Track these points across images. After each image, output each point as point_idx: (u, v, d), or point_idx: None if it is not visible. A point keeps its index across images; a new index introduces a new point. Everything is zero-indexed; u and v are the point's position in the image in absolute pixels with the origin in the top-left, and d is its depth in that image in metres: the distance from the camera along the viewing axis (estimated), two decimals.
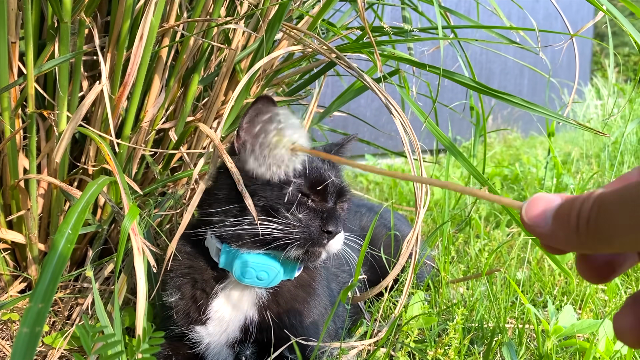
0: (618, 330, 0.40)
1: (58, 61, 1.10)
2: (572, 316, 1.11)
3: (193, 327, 1.04)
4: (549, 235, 0.42)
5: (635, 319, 0.39)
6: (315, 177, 1.02)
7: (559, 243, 0.42)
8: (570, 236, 0.40)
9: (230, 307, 1.03)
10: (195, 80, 1.32)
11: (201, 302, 1.04)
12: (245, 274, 0.99)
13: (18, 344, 0.51)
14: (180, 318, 1.04)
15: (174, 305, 1.05)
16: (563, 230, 0.40)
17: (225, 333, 1.03)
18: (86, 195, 0.82)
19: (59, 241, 0.67)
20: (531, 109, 1.29)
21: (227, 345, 1.03)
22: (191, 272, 1.06)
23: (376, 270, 1.38)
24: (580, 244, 0.40)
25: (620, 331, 0.40)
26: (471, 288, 1.43)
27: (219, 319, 1.03)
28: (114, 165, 1.01)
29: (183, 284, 1.06)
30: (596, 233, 0.38)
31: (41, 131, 1.26)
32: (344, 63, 1.24)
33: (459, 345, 1.05)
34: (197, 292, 1.05)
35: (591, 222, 0.38)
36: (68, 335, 1.08)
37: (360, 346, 1.10)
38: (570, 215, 0.40)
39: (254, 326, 1.02)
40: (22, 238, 1.27)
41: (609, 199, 0.37)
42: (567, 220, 0.40)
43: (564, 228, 0.40)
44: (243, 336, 1.02)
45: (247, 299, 1.04)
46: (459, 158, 1.22)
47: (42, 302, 0.56)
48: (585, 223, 0.38)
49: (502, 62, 6.61)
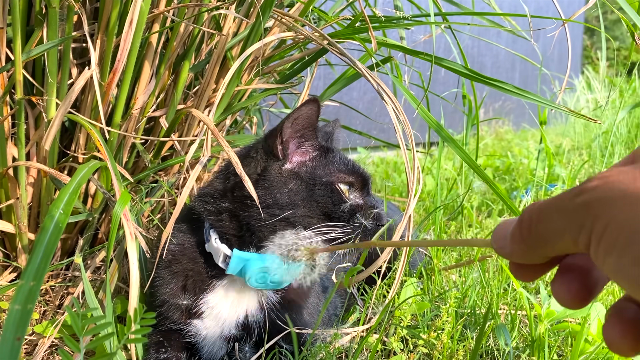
0: (609, 342, 0.42)
1: (47, 46, 1.09)
2: None
3: (190, 322, 1.02)
4: (509, 252, 0.46)
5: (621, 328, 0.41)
6: (361, 175, 1.03)
7: (517, 256, 0.46)
8: (521, 246, 0.44)
9: (229, 303, 1.01)
10: (186, 68, 1.31)
11: (196, 294, 1.02)
12: (259, 279, 0.97)
13: (9, 321, 0.50)
14: (176, 314, 1.03)
15: (170, 301, 1.03)
16: (516, 244, 0.45)
17: (221, 328, 1.01)
18: (77, 177, 0.81)
19: (50, 221, 0.66)
20: (523, 96, 1.30)
21: (222, 338, 1.02)
22: (188, 268, 1.04)
23: (368, 257, 1.38)
24: (530, 252, 0.44)
25: (612, 342, 0.41)
26: (463, 275, 1.43)
27: (216, 315, 1.01)
28: (104, 150, 1.00)
29: (180, 279, 1.04)
30: (537, 239, 0.42)
31: (30, 119, 1.24)
32: (335, 49, 1.23)
33: (451, 329, 1.06)
34: (193, 284, 1.03)
35: (532, 230, 0.42)
36: (59, 323, 1.07)
37: (354, 332, 1.10)
38: (517, 229, 0.44)
39: (258, 325, 1.01)
40: (12, 227, 1.25)
41: (545, 207, 0.42)
42: (516, 234, 0.44)
43: (516, 241, 0.44)
44: (241, 333, 1.01)
45: (248, 296, 1.02)
46: (451, 144, 1.21)
47: (33, 280, 0.56)
48: (528, 232, 0.43)
49: (494, 55, 6.61)
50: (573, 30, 9.24)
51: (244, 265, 0.97)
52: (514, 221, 0.46)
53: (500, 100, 6.17)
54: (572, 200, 0.38)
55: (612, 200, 0.36)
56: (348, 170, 1.02)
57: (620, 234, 0.34)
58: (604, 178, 0.37)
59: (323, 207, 0.96)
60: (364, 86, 4.28)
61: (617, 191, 0.36)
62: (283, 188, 0.97)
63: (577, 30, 9.61)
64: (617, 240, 0.34)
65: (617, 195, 0.35)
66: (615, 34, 11.45)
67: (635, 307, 0.42)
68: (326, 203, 0.97)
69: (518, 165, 3.06)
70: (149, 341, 1.05)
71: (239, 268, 0.97)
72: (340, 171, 1.01)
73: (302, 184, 0.98)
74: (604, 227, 0.35)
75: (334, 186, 0.98)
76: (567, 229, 0.38)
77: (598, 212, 0.36)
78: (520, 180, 2.70)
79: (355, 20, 1.33)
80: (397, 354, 1.07)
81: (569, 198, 0.39)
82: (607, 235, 0.35)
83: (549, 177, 2.31)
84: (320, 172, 1.00)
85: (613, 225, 0.35)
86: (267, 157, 1.00)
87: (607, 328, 0.42)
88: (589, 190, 0.37)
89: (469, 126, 1.81)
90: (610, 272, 0.36)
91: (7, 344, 0.48)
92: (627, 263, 0.34)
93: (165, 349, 1.02)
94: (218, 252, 0.99)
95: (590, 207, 0.37)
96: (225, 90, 1.29)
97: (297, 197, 0.96)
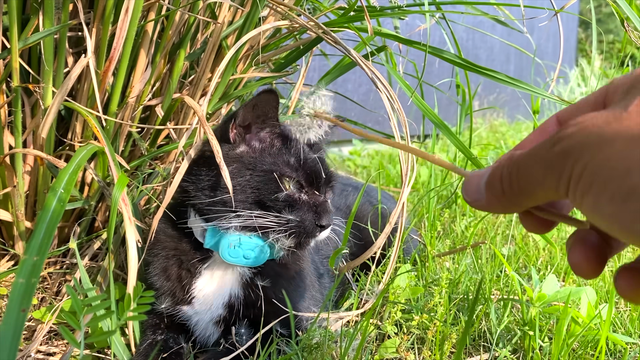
0: (575, 266, 0.46)
1: (43, 34, 1.09)
2: (556, 284, 1.14)
3: (180, 308, 1.04)
4: (487, 205, 0.48)
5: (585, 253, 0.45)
6: (311, 170, 1.02)
7: (496, 209, 0.48)
8: (502, 200, 0.46)
9: (215, 285, 1.03)
10: (182, 56, 1.32)
11: (185, 282, 1.03)
12: (232, 253, 0.99)
13: (14, 294, 0.52)
14: (166, 300, 1.05)
15: (159, 287, 1.05)
16: (495, 197, 0.46)
17: (210, 311, 1.03)
18: (77, 158, 0.82)
19: (52, 199, 0.67)
20: (516, 85, 1.31)
21: (213, 322, 1.04)
22: (175, 253, 1.05)
23: (362, 245, 1.40)
24: (511, 205, 0.46)
25: (577, 265, 0.46)
26: (456, 262, 1.45)
27: (204, 297, 1.03)
28: (101, 136, 1.00)
29: (168, 265, 1.05)
30: (519, 191, 0.44)
31: (26, 107, 1.25)
32: (330, 38, 1.24)
33: (444, 312, 1.07)
34: (182, 272, 1.04)
35: (513, 183, 0.44)
36: (57, 309, 1.08)
37: (347, 317, 1.11)
38: (496, 182, 0.46)
39: (239, 302, 1.02)
40: (9, 216, 1.26)
41: (523, 160, 0.43)
42: (495, 187, 0.46)
43: (496, 195, 0.46)
44: (228, 314, 1.03)
45: (230, 277, 1.04)
46: (445, 132, 1.23)
47: (37, 255, 0.57)
48: (509, 185, 0.44)
49: (488, 48, 6.63)
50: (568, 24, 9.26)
51: (219, 238, 1.00)
52: (485, 173, 0.48)
53: (494, 92, 6.19)
54: (551, 150, 0.40)
55: (588, 144, 0.37)
56: (295, 164, 1.01)
57: (597, 174, 0.36)
58: (579, 124, 0.39)
59: (258, 195, 0.97)
60: (359, 78, 4.28)
61: (592, 135, 0.37)
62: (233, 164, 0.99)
63: (572, 24, 9.64)
64: (594, 181, 0.36)
65: (593, 139, 0.37)
66: (609, 27, 11.47)
67: (596, 235, 0.46)
68: (261, 190, 0.97)
69: None
70: (145, 323, 1.06)
71: (214, 241, 1.00)
72: (286, 163, 1.01)
73: (243, 168, 0.99)
74: (582, 169, 0.37)
75: (272, 175, 0.98)
76: (548, 178, 0.40)
77: (576, 156, 0.38)
78: None
79: (349, 9, 1.34)
80: (391, 338, 1.09)
81: (547, 148, 0.41)
82: (585, 177, 0.37)
83: None
84: (267, 159, 1.00)
85: (590, 167, 0.37)
86: (221, 140, 1.01)
87: (573, 253, 0.46)
88: (566, 137, 0.39)
89: (463, 116, 1.82)
90: (587, 211, 0.38)
91: (12, 315, 0.50)
92: (604, 201, 0.36)
93: (162, 330, 1.04)
94: (197, 228, 1.03)
95: (568, 154, 0.38)
96: (220, 78, 1.30)
97: (233, 181, 0.97)
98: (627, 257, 1.60)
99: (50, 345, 1.08)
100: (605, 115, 0.38)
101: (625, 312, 1.25)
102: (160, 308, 1.05)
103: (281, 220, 0.97)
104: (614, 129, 0.36)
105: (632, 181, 0.33)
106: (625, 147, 0.35)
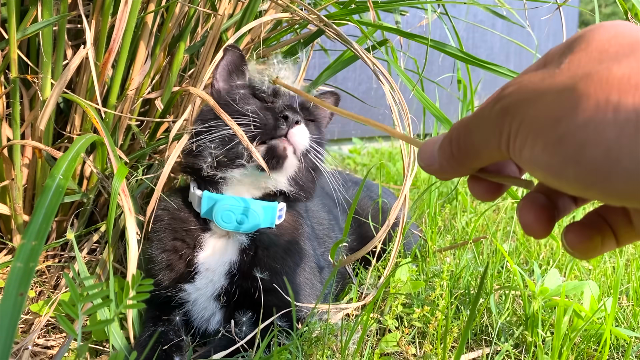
0: (526, 225, 0.47)
1: (42, 24, 1.08)
2: (558, 278, 1.13)
3: (181, 286, 1.04)
4: (439, 168, 0.49)
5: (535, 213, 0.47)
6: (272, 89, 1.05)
7: (448, 173, 0.48)
8: (451, 162, 0.47)
9: (216, 257, 1.04)
10: (182, 49, 1.31)
11: (188, 257, 1.04)
12: (225, 217, 1.00)
13: (12, 278, 0.51)
14: (168, 278, 1.04)
15: (161, 262, 1.05)
16: (446, 160, 0.47)
17: (212, 283, 1.03)
18: (75, 146, 0.81)
19: (51, 184, 0.66)
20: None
21: (213, 297, 1.04)
22: (177, 229, 1.06)
23: (364, 241, 1.39)
24: (459, 166, 0.47)
25: (527, 225, 0.47)
26: (457, 257, 1.44)
27: (206, 270, 1.03)
28: (100, 127, 1.00)
29: (169, 241, 1.06)
30: (466, 152, 0.45)
31: (25, 100, 1.24)
32: (332, 30, 1.23)
33: (446, 305, 1.06)
34: (184, 248, 1.05)
35: (461, 145, 0.45)
36: (55, 301, 1.07)
37: (348, 309, 1.11)
38: (446, 145, 0.47)
39: (236, 269, 1.03)
40: (7, 209, 1.25)
41: (470, 122, 0.44)
42: (445, 150, 0.47)
43: (446, 157, 0.47)
44: (229, 285, 1.03)
45: (231, 247, 1.05)
46: (447, 125, 1.22)
47: (35, 240, 0.56)
48: (457, 147, 0.45)
49: (489, 47, 6.62)
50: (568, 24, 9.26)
51: (214, 204, 1.01)
52: (439, 139, 0.49)
53: (494, 90, 6.18)
54: (492, 109, 0.41)
55: (524, 101, 0.39)
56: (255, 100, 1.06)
57: (531, 126, 0.37)
58: (517, 83, 0.41)
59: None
60: (359, 76, 4.28)
61: (529, 92, 0.39)
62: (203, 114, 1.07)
63: (572, 24, 9.64)
64: (529, 133, 0.37)
65: (529, 95, 0.39)
66: None
67: (544, 197, 0.48)
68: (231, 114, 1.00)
69: None
70: (145, 315, 1.06)
71: (208, 207, 1.02)
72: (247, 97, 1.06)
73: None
74: (518, 124, 0.38)
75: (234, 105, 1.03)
76: (491, 136, 0.41)
77: (514, 113, 0.39)
78: None
79: (350, 1, 1.33)
80: (392, 332, 1.08)
81: (489, 108, 0.42)
82: (521, 131, 0.38)
83: None
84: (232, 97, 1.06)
85: (526, 121, 0.38)
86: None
87: (523, 214, 0.47)
88: (505, 96, 0.41)
89: (464, 112, 1.81)
90: (525, 164, 0.39)
91: (10, 299, 0.49)
92: (538, 151, 0.37)
93: (162, 322, 1.03)
94: (195, 198, 1.05)
95: (507, 111, 0.40)
96: None
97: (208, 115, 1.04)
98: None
99: (48, 338, 1.07)
100: (541, 74, 0.40)
101: (628, 306, 1.24)
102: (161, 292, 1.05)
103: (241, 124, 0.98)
104: (546, 84, 0.38)
105: (561, 129, 0.35)
106: (555, 99, 0.36)
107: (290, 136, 0.98)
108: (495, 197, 0.50)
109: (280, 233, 1.08)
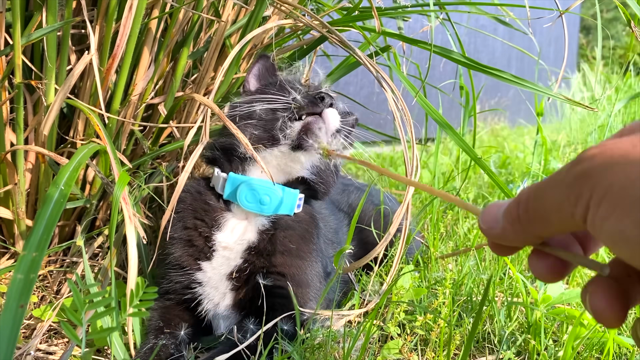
0: (596, 313, 0.41)
1: (46, 30, 1.09)
2: (560, 286, 1.13)
3: (200, 264, 1.06)
4: (501, 233, 0.45)
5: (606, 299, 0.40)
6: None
7: (510, 238, 0.44)
8: (515, 226, 0.43)
9: (235, 236, 1.07)
10: (185, 54, 1.31)
11: (207, 235, 1.07)
12: (248, 197, 1.04)
13: (12, 289, 0.51)
14: (188, 254, 1.07)
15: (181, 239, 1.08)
16: (510, 224, 0.43)
17: (228, 261, 1.05)
18: (78, 156, 0.82)
19: (53, 193, 0.67)
20: (520, 84, 1.31)
21: (226, 276, 1.05)
22: (198, 209, 1.10)
23: (365, 246, 1.39)
24: (524, 233, 0.43)
25: (598, 312, 0.41)
26: (460, 264, 1.44)
27: (224, 249, 1.06)
28: (103, 134, 1.00)
29: (190, 220, 1.09)
30: (534, 216, 0.41)
31: (28, 105, 1.24)
32: (335, 37, 1.24)
33: (448, 312, 1.06)
34: (204, 227, 1.08)
35: (529, 208, 0.41)
36: (57, 306, 1.07)
37: (350, 316, 1.10)
38: (513, 208, 0.43)
39: (252, 247, 1.06)
40: (9, 214, 1.25)
41: (542, 185, 0.41)
42: (511, 213, 0.43)
43: (511, 222, 0.43)
44: (243, 262, 1.05)
45: (251, 227, 1.08)
46: (449, 131, 1.22)
47: (36, 251, 0.56)
48: (525, 210, 0.42)
49: (490, 52, 6.64)
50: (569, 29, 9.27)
51: (238, 186, 1.05)
52: (505, 203, 0.45)
53: (496, 96, 6.18)
54: (570, 172, 0.38)
55: (612, 165, 0.35)
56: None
57: (622, 196, 0.33)
58: (602, 147, 0.37)
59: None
60: (361, 81, 4.29)
61: (617, 157, 0.35)
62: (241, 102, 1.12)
63: (573, 29, 9.64)
64: (618, 203, 0.33)
65: (618, 160, 0.35)
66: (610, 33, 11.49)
67: (615, 281, 0.41)
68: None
69: (514, 160, 3.08)
70: (148, 326, 1.05)
71: (231, 189, 1.06)
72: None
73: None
74: (604, 191, 0.34)
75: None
76: (565, 201, 0.37)
77: (597, 178, 0.35)
78: (516, 173, 2.71)
79: (354, 8, 1.33)
80: (394, 339, 1.08)
81: (566, 170, 0.38)
82: (607, 199, 0.34)
83: (545, 171, 2.32)
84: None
85: (614, 189, 0.34)
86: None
87: (595, 300, 0.41)
88: (587, 159, 0.37)
89: (466, 118, 1.81)
90: (606, 237, 0.35)
91: (10, 310, 0.49)
92: (628, 225, 0.32)
93: (165, 335, 1.02)
94: (218, 180, 1.09)
95: (589, 176, 0.36)
96: (223, 77, 1.29)
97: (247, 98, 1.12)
98: None
99: (50, 343, 1.07)
100: (630, 140, 0.36)
101: (630, 314, 1.24)
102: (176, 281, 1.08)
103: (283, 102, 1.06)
104: (639, 151, 0.34)
105: None
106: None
107: (324, 115, 1.05)
108: (558, 278, 0.45)
109: (297, 221, 1.12)
